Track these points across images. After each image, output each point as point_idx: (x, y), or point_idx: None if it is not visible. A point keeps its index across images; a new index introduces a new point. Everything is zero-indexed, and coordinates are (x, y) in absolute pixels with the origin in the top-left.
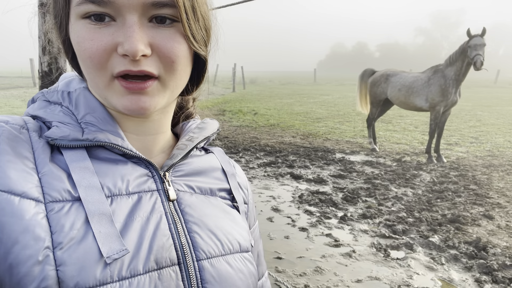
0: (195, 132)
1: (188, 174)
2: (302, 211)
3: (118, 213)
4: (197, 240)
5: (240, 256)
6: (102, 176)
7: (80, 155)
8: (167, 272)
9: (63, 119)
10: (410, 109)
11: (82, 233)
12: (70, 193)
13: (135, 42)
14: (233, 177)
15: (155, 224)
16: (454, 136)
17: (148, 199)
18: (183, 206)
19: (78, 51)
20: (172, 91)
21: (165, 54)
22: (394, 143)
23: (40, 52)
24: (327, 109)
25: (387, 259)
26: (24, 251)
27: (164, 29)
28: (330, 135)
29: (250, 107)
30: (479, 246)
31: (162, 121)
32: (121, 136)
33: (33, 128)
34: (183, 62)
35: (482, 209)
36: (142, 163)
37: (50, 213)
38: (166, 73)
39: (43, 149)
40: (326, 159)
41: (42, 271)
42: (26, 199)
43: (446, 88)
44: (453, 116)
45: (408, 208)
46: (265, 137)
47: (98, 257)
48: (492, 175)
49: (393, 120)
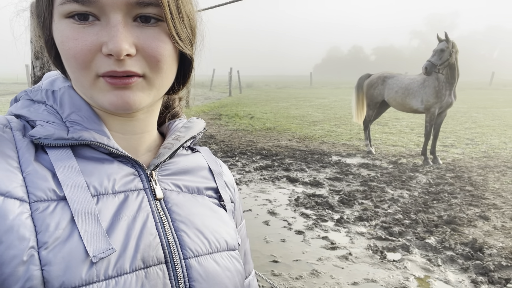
0: (181, 131)
1: (175, 173)
2: (299, 214)
3: (104, 212)
4: (184, 238)
5: (227, 254)
6: (88, 175)
7: (65, 154)
8: (154, 270)
9: (48, 118)
10: (406, 111)
11: (67, 233)
12: (55, 192)
13: (119, 41)
14: (220, 176)
15: (141, 223)
16: (450, 138)
17: (134, 198)
18: (170, 205)
19: (62, 50)
20: (158, 90)
21: (150, 53)
22: (390, 145)
23: (33, 57)
24: (323, 112)
25: (384, 261)
26: (8, 251)
27: (148, 28)
28: (326, 138)
29: (247, 111)
30: (475, 247)
31: (147, 120)
32: (107, 135)
33: (17, 127)
34: (168, 61)
35: (478, 210)
36: (128, 162)
37: (35, 212)
38: (151, 72)
39: (27, 148)
40: (322, 162)
41: (27, 271)
42: (10, 199)
43: (440, 90)
44: (449, 118)
45: (404, 210)
46: (262, 140)
47: (84, 257)
48: (488, 176)
49: (389, 123)
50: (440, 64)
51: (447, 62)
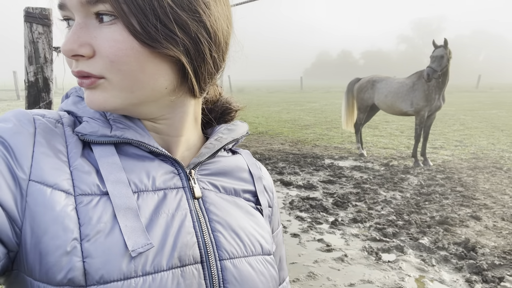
0: (224, 133)
1: (214, 173)
2: (293, 217)
3: (144, 209)
4: (220, 239)
5: (262, 258)
6: (129, 171)
7: (108, 150)
8: (189, 270)
9: (93, 115)
10: (396, 114)
11: (108, 227)
12: (98, 187)
13: (67, 42)
14: (259, 180)
15: (180, 221)
16: (439, 140)
17: (173, 196)
18: (208, 205)
19: None
20: (132, 92)
21: (103, 54)
22: (381, 148)
23: (26, 62)
24: (315, 116)
25: (379, 262)
26: (53, 241)
27: (105, 27)
28: (318, 142)
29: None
30: (468, 246)
31: (176, 125)
32: (147, 134)
33: (68, 123)
34: (129, 61)
35: (470, 211)
36: (168, 161)
37: (79, 205)
38: (110, 73)
39: (76, 143)
40: (315, 165)
41: (70, 262)
42: (57, 191)
43: (430, 94)
44: (437, 120)
45: (397, 211)
46: (254, 144)
47: (123, 251)
48: (478, 177)
49: (379, 126)
50: (440, 70)
51: (445, 68)
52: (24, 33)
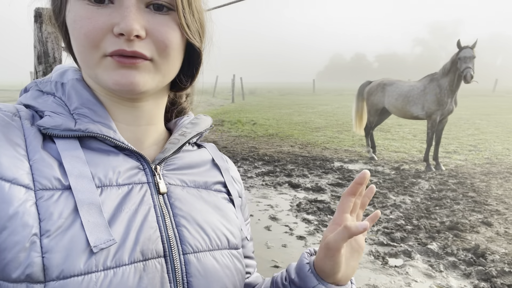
0: (188, 127)
1: (180, 168)
2: (300, 220)
3: (107, 204)
4: (184, 233)
5: (228, 252)
6: (93, 166)
7: (72, 144)
8: (152, 263)
9: (56, 109)
10: (407, 117)
11: (69, 222)
12: (60, 181)
13: (131, 21)
14: (227, 171)
15: (143, 216)
16: (453, 144)
17: (137, 191)
18: (173, 200)
19: (73, 29)
20: (164, 76)
21: (159, 38)
22: (393, 151)
23: (36, 61)
24: (326, 119)
25: (385, 266)
26: (12, 237)
27: (159, 15)
28: (328, 144)
29: (249, 117)
30: (477, 253)
31: (152, 111)
32: (113, 128)
33: (25, 116)
34: (175, 48)
35: (481, 216)
36: (133, 156)
37: (40, 200)
38: (159, 57)
39: (34, 136)
40: (325, 168)
41: (28, 258)
42: (16, 186)
43: (442, 98)
44: (452, 124)
45: (406, 216)
46: (264, 146)
47: (84, 246)
48: (491, 183)
49: (391, 129)
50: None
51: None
52: (33, 33)
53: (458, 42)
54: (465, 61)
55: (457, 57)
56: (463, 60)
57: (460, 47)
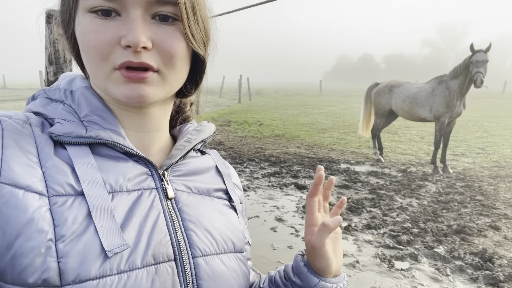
0: (193, 134)
1: (186, 174)
2: None
3: (119, 209)
4: (193, 237)
5: (234, 256)
6: (104, 172)
7: (83, 151)
8: (163, 267)
9: (66, 117)
10: (414, 120)
11: (84, 227)
12: (73, 187)
13: (137, 33)
14: (229, 178)
15: (153, 221)
16: (461, 147)
17: (147, 196)
18: (181, 205)
19: (82, 42)
20: (171, 86)
21: (165, 49)
22: (400, 153)
23: (47, 62)
24: (333, 120)
25: (391, 269)
26: (27, 243)
27: (165, 26)
28: (335, 146)
29: (256, 118)
30: (485, 257)
31: (160, 118)
32: (123, 135)
33: (36, 123)
34: (181, 58)
35: (489, 220)
36: (142, 162)
37: (54, 206)
38: (165, 67)
39: (46, 143)
40: (331, 169)
41: (44, 263)
42: (30, 193)
43: (451, 100)
44: (460, 127)
45: (413, 219)
46: (270, 147)
47: (98, 251)
48: (499, 186)
49: (399, 131)
50: (484, 75)
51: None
52: (45, 34)
53: (471, 46)
54: (477, 65)
55: (469, 61)
56: (475, 64)
57: (473, 50)
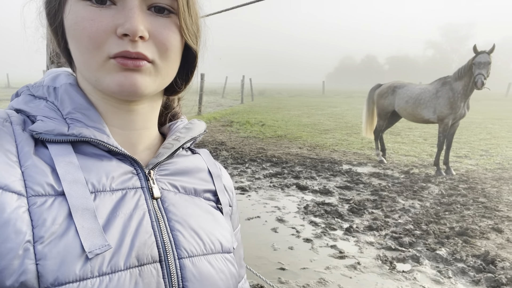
0: (182, 132)
1: (173, 173)
2: (307, 222)
3: (101, 209)
4: (179, 238)
5: (221, 256)
6: (87, 171)
7: (65, 149)
8: (148, 269)
9: (48, 114)
10: (417, 121)
11: (63, 228)
12: (53, 187)
13: (136, 22)
14: (219, 179)
15: (137, 221)
16: (464, 149)
17: (132, 196)
18: (167, 205)
19: (75, 31)
20: (163, 79)
21: (161, 41)
22: (403, 155)
23: (48, 61)
24: (335, 121)
25: (393, 271)
26: (5, 244)
27: (161, 18)
28: (337, 147)
29: (258, 119)
30: (487, 259)
31: (147, 115)
32: (106, 133)
33: (17, 122)
34: (175, 51)
35: (491, 222)
36: (127, 160)
37: (32, 207)
38: (160, 59)
39: (26, 142)
40: (333, 170)
41: (22, 265)
42: (8, 192)
43: (455, 101)
44: (463, 128)
45: (415, 221)
46: (272, 148)
47: (79, 252)
48: (502, 188)
49: (401, 132)
50: (486, 78)
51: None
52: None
53: (474, 47)
54: (479, 67)
55: (472, 62)
56: (477, 66)
57: (477, 52)
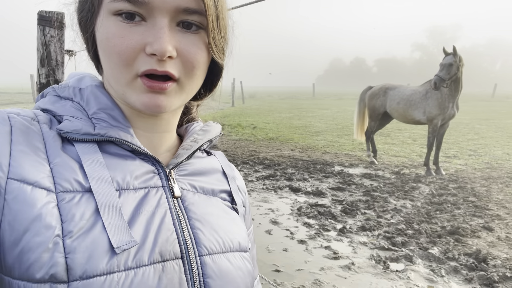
0: (199, 134)
1: (192, 173)
2: (301, 224)
3: (126, 206)
4: (199, 236)
5: (239, 254)
6: (112, 170)
7: (91, 148)
8: (170, 264)
9: (75, 114)
10: (408, 122)
11: (91, 223)
12: (80, 184)
13: (165, 43)
14: (233, 180)
15: (160, 219)
16: (453, 149)
17: (154, 194)
18: (187, 204)
19: (106, 46)
20: (187, 94)
21: (188, 59)
22: (393, 156)
23: (39, 64)
24: (326, 123)
25: (387, 271)
26: (35, 238)
27: (190, 34)
28: (329, 148)
29: (249, 121)
30: (479, 258)
31: (170, 120)
32: (131, 133)
33: (44, 120)
34: (201, 68)
35: (482, 221)
36: (149, 160)
37: (61, 202)
38: (185, 77)
39: (54, 140)
40: (325, 172)
41: (52, 258)
42: (38, 188)
43: (443, 102)
44: (452, 129)
45: (407, 220)
46: (264, 150)
47: (106, 247)
48: (491, 187)
49: (391, 133)
50: (448, 79)
51: (455, 76)
52: (36, 36)
53: (443, 49)
54: (440, 69)
55: None
56: (439, 67)
57: (445, 53)
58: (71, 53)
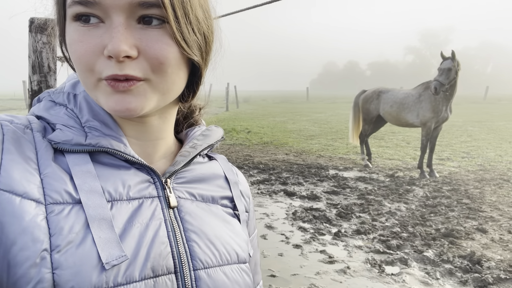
0: (199, 139)
1: (190, 181)
2: (296, 228)
3: (118, 218)
4: (195, 249)
5: (237, 267)
6: (104, 180)
7: (82, 159)
8: (163, 280)
9: (67, 122)
10: (401, 125)
11: (80, 237)
12: (71, 195)
13: (118, 42)
14: (236, 185)
15: (154, 231)
16: (446, 151)
17: (148, 205)
18: (183, 214)
19: (70, 52)
20: (164, 94)
21: (152, 55)
22: (387, 159)
23: (30, 71)
24: (320, 127)
25: (382, 274)
26: (22, 252)
27: (152, 30)
28: (323, 152)
29: (244, 126)
30: (473, 260)
31: (161, 126)
32: (124, 142)
33: (37, 129)
34: (173, 64)
35: (476, 223)
36: (144, 169)
37: (50, 215)
38: (154, 75)
39: (46, 149)
40: (320, 175)
41: (38, 274)
42: (27, 200)
43: (437, 105)
44: (445, 131)
45: (402, 223)
46: (259, 154)
47: (95, 262)
48: (485, 189)
49: (385, 137)
50: (448, 83)
51: (453, 81)
52: (28, 42)
53: (441, 53)
54: (439, 73)
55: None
56: (438, 71)
57: (443, 58)
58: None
